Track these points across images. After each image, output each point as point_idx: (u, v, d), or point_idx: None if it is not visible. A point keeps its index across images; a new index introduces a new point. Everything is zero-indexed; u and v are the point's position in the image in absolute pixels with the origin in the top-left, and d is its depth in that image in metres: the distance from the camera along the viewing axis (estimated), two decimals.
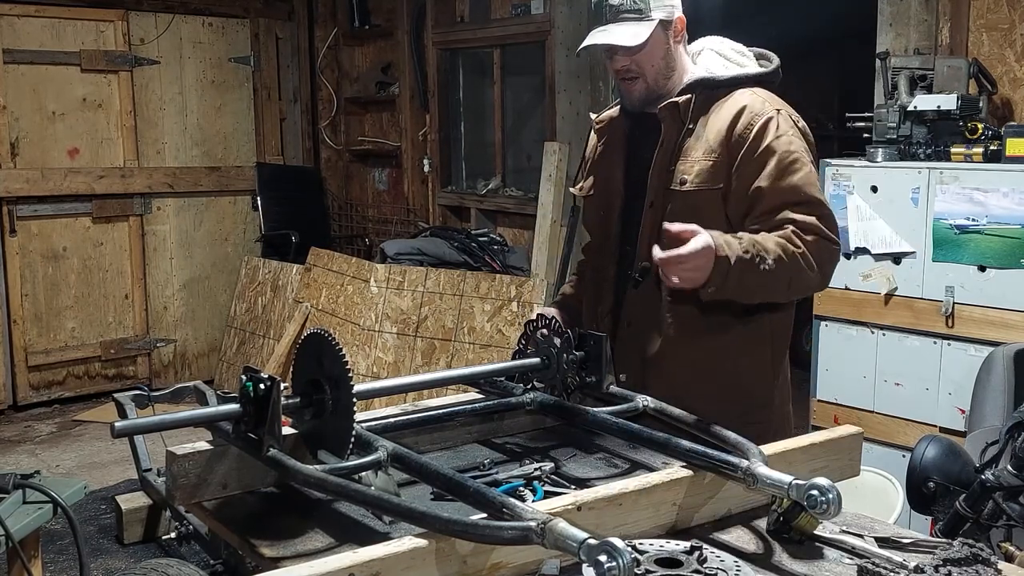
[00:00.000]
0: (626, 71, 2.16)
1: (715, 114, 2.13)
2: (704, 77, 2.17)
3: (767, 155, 2.06)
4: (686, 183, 2.12)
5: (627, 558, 1.17)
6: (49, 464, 4.89)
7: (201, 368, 6.44)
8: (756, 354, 2.19)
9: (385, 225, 6.65)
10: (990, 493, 2.23)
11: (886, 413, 3.45)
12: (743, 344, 2.16)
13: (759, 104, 2.11)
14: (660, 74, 2.16)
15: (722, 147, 2.10)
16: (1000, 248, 3.13)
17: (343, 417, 1.66)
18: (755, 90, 2.15)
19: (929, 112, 3.39)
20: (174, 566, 2.02)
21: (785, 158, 2.05)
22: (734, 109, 2.11)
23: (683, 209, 2.10)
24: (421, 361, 5.00)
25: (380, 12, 6.51)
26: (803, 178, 2.06)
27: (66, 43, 5.84)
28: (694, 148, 2.13)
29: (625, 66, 2.15)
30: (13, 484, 2.31)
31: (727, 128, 2.10)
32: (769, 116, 2.09)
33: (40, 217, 5.84)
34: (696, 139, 2.13)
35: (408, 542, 1.35)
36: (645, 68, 2.15)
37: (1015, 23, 3.58)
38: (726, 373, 2.15)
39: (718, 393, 2.12)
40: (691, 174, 2.12)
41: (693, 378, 2.14)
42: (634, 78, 2.16)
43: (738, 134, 2.09)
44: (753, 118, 2.09)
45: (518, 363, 2.08)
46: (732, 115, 2.11)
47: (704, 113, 2.15)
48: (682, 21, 2.17)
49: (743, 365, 2.17)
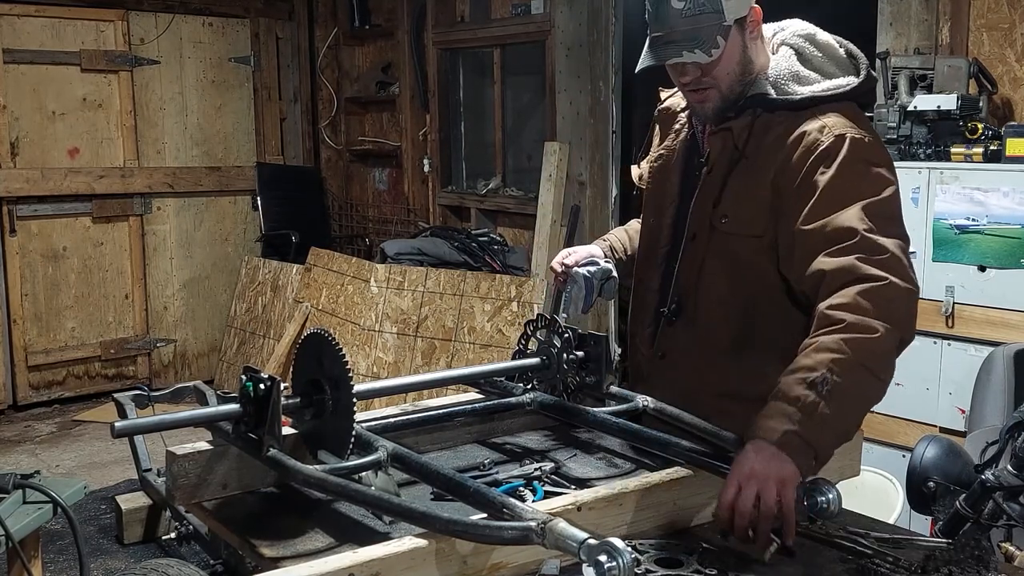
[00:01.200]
0: (696, 82, 1.81)
1: (772, 141, 1.79)
2: (767, 97, 1.81)
3: (813, 190, 1.70)
4: (726, 222, 1.84)
5: (627, 558, 1.17)
6: (49, 464, 4.89)
7: (201, 368, 6.44)
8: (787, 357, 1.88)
9: (385, 225, 6.65)
10: (990, 493, 2.23)
11: (886, 413, 3.45)
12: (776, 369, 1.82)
13: (816, 131, 1.75)
14: (737, 80, 1.81)
15: (767, 182, 1.78)
16: (1000, 248, 3.13)
17: (343, 417, 1.66)
18: (823, 112, 1.77)
19: (929, 112, 3.39)
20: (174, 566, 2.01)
21: (835, 190, 1.68)
22: (790, 138, 1.76)
23: (723, 251, 1.86)
24: (421, 361, 5.00)
25: (380, 12, 6.51)
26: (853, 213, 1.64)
27: (66, 43, 5.84)
28: (743, 181, 1.82)
29: (694, 80, 1.81)
30: (13, 484, 2.31)
31: (777, 159, 1.77)
32: (826, 146, 1.71)
33: (40, 217, 5.84)
34: (747, 170, 1.82)
35: (408, 542, 1.35)
36: (720, 78, 1.80)
37: (1015, 23, 3.58)
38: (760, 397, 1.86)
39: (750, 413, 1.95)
40: (732, 213, 1.83)
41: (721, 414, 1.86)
42: (706, 89, 1.82)
43: (787, 167, 1.75)
44: (804, 147, 1.73)
45: (518, 363, 2.08)
46: (785, 144, 1.76)
47: (763, 137, 1.81)
48: (758, 12, 1.80)
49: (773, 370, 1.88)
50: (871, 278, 1.58)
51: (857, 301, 1.56)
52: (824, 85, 1.82)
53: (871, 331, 1.55)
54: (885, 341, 1.56)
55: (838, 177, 1.70)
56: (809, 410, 1.48)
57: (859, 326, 1.55)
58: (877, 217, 1.66)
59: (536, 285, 4.87)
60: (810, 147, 1.74)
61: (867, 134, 1.78)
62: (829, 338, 1.54)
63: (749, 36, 1.81)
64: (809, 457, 1.48)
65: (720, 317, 1.92)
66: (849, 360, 1.52)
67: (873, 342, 1.54)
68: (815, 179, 1.71)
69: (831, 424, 1.50)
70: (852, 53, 1.89)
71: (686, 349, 1.97)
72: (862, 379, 1.54)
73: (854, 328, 1.54)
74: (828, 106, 1.79)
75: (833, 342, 1.53)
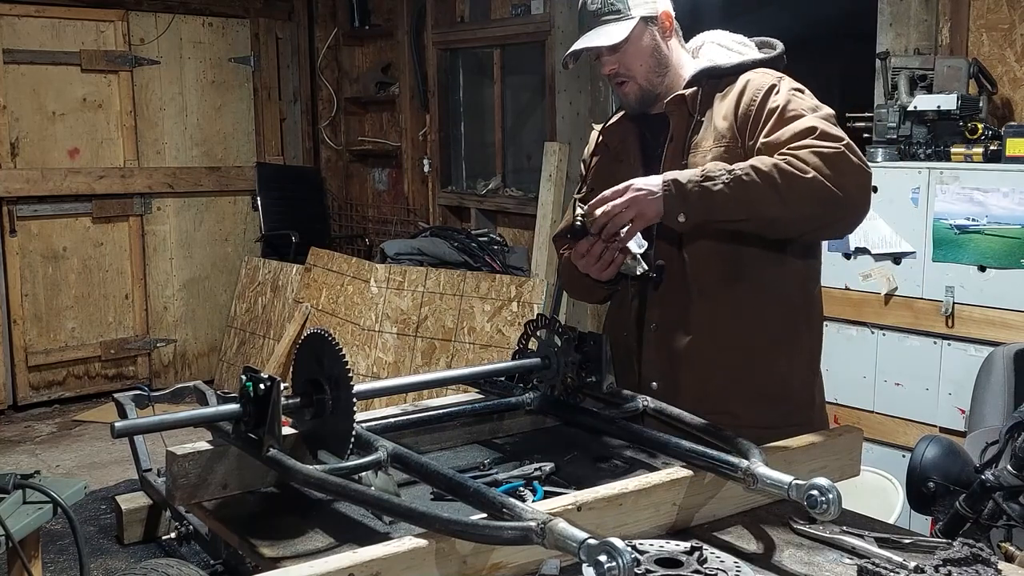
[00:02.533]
0: (615, 74, 2.09)
1: (721, 102, 2.05)
2: (709, 67, 2.09)
3: (769, 115, 1.95)
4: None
5: (627, 558, 1.17)
6: (49, 464, 4.89)
7: (201, 368, 6.45)
8: (793, 352, 2.08)
9: (385, 225, 6.66)
10: (990, 493, 2.23)
11: (886, 413, 3.45)
12: (777, 341, 2.05)
13: (761, 78, 2.02)
14: (652, 72, 2.09)
15: (731, 130, 2.00)
16: (1000, 248, 3.13)
17: (343, 417, 1.66)
18: (759, 69, 2.06)
19: (929, 112, 3.39)
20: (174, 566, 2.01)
21: (787, 111, 1.93)
22: (738, 89, 2.03)
23: None
24: (421, 361, 5.00)
25: (380, 12, 6.52)
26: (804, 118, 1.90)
27: (66, 43, 5.84)
28: (704, 139, 2.04)
29: (613, 69, 2.09)
30: (13, 484, 2.31)
31: (733, 110, 2.01)
32: (771, 84, 1.99)
33: (40, 217, 5.84)
34: (705, 130, 2.05)
35: (408, 542, 1.35)
36: (634, 68, 2.08)
37: (1015, 23, 3.58)
38: (763, 373, 2.05)
39: (757, 395, 2.04)
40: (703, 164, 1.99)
41: (729, 380, 2.03)
42: (625, 80, 2.10)
43: (743, 112, 1.99)
44: (756, 91, 2.00)
45: (518, 363, 2.08)
46: (736, 95, 2.02)
47: (710, 104, 2.06)
48: (668, 15, 2.10)
49: (781, 365, 2.07)
50: (824, 146, 1.82)
51: (804, 155, 1.81)
52: (751, 55, 2.11)
53: (803, 172, 1.79)
54: (811, 183, 1.79)
55: (788, 101, 1.94)
56: (706, 180, 1.82)
57: (795, 163, 1.80)
58: (830, 122, 1.90)
59: (536, 285, 4.87)
60: (758, 87, 2.00)
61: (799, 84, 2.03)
62: (765, 159, 1.83)
63: (662, 36, 2.09)
64: (680, 205, 1.82)
65: (710, 268, 2.04)
66: (766, 175, 1.79)
67: (798, 178, 1.79)
68: (768, 106, 1.95)
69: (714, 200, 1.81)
70: (765, 43, 2.18)
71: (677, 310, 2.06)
72: (765, 191, 1.80)
73: (790, 163, 1.80)
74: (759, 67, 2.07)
75: (763, 162, 1.81)
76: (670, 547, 1.41)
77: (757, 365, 2.06)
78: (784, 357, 2.07)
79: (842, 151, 1.82)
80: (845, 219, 1.90)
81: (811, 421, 2.09)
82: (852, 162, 1.82)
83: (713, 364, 2.05)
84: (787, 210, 1.81)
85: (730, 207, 1.81)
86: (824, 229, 1.95)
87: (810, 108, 1.94)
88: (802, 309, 2.09)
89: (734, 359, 2.05)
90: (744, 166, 1.82)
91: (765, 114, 1.96)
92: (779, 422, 1.98)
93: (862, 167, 1.85)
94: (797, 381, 2.10)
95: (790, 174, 1.79)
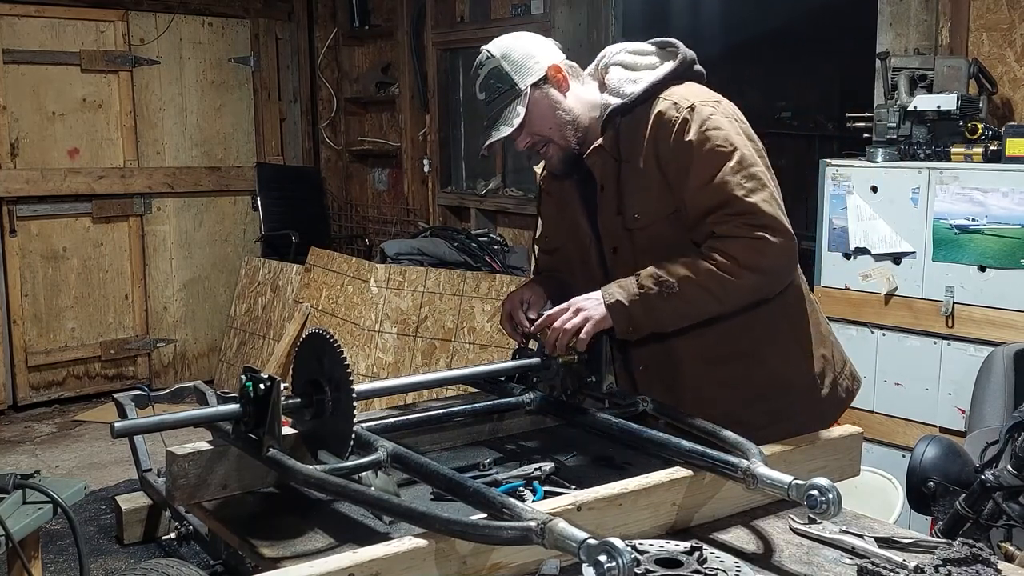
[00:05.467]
0: (531, 146, 2.07)
1: (637, 137, 2.01)
2: (617, 106, 2.03)
3: (688, 161, 1.94)
4: (639, 220, 2.03)
5: (627, 558, 1.17)
6: (49, 464, 4.89)
7: (201, 368, 6.44)
8: (779, 346, 2.08)
9: (385, 225, 6.65)
10: (990, 493, 2.23)
11: (886, 413, 3.45)
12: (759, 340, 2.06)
13: (671, 110, 1.97)
14: (563, 129, 2.05)
15: (654, 169, 1.99)
16: (1000, 248, 3.13)
17: (343, 417, 1.66)
18: (667, 94, 2.01)
19: (929, 112, 3.39)
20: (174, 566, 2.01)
21: (702, 158, 1.93)
22: (652, 124, 1.99)
23: (651, 246, 2.02)
24: (421, 361, 5.00)
25: (380, 12, 6.52)
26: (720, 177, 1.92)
27: (66, 43, 5.83)
28: (634, 180, 2.02)
29: (527, 142, 2.06)
30: (13, 484, 2.31)
31: (650, 147, 1.99)
32: (683, 119, 1.95)
33: (40, 217, 5.84)
34: (633, 170, 2.02)
35: (408, 542, 1.35)
36: (545, 134, 2.05)
37: (1015, 23, 3.58)
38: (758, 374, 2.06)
39: (756, 397, 2.04)
40: (641, 209, 2.02)
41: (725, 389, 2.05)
42: (543, 146, 2.07)
43: (660, 152, 1.98)
44: (667, 128, 1.96)
45: (518, 363, 2.08)
46: (650, 132, 1.99)
47: (631, 140, 2.02)
48: (556, 68, 2.04)
49: (771, 362, 2.07)
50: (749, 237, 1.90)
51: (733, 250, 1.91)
52: (655, 73, 2.05)
53: (735, 275, 1.91)
54: (743, 283, 1.93)
55: (702, 144, 1.93)
56: (645, 299, 1.93)
57: (725, 266, 1.90)
58: (746, 178, 1.92)
59: None
60: (671, 122, 1.97)
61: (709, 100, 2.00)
62: (701, 265, 1.92)
63: (558, 90, 2.04)
64: (626, 324, 1.95)
65: None
66: (699, 285, 1.92)
67: (731, 282, 1.91)
68: (684, 147, 1.94)
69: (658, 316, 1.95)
70: (663, 43, 2.13)
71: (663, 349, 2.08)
72: (703, 298, 1.94)
73: (720, 268, 1.90)
74: (667, 87, 2.03)
75: (701, 270, 1.92)
76: (670, 547, 1.41)
77: (748, 368, 2.07)
78: (772, 355, 2.08)
79: (763, 238, 1.90)
80: (777, 287, 2.03)
81: (819, 410, 2.10)
82: (775, 245, 1.91)
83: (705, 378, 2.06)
84: (725, 307, 1.97)
85: (674, 318, 1.97)
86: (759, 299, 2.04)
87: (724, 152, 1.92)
88: (777, 304, 2.07)
89: (724, 369, 2.06)
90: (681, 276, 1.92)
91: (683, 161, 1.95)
92: (785, 416, 1.99)
93: (785, 242, 1.92)
94: (793, 372, 2.10)
95: (722, 279, 1.91)
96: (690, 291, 1.92)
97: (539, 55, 2.04)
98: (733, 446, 1.66)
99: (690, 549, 1.40)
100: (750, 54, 6.41)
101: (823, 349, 2.14)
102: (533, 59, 2.03)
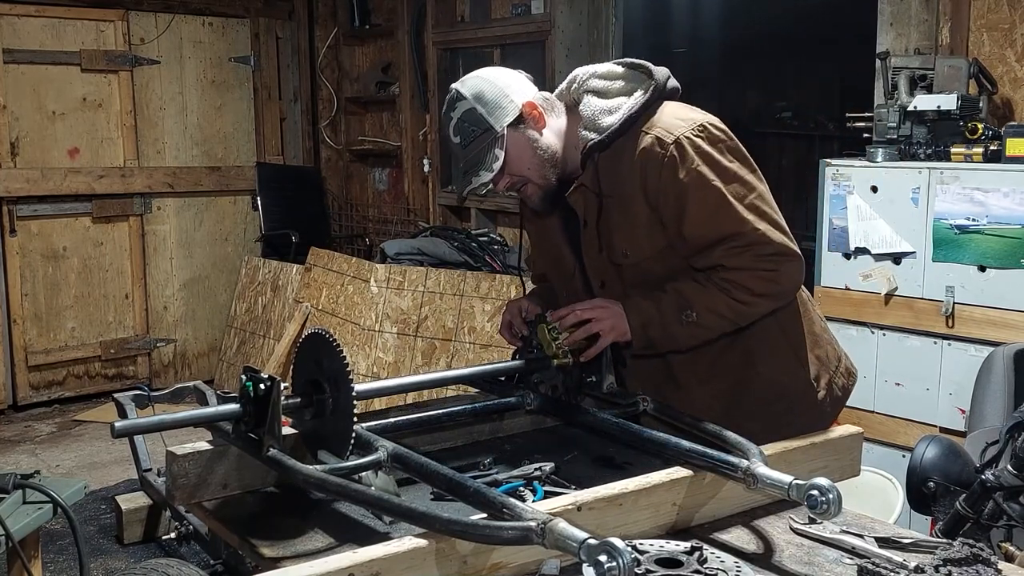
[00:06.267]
0: (512, 186, 2.03)
1: (620, 171, 1.97)
2: (593, 141, 1.98)
3: (683, 198, 1.91)
4: (629, 255, 2.00)
5: (627, 558, 1.17)
6: (49, 464, 4.89)
7: (201, 368, 6.44)
8: (773, 350, 2.07)
9: (385, 225, 6.65)
10: (990, 493, 2.23)
11: (886, 413, 3.45)
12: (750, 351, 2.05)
13: (655, 146, 1.92)
14: (542, 167, 2.00)
15: (642, 204, 1.95)
16: (1000, 248, 3.13)
17: (343, 417, 1.66)
18: (648, 126, 1.95)
19: (929, 112, 3.39)
20: (174, 566, 2.01)
21: (698, 196, 1.90)
22: (634, 159, 1.94)
23: (642, 280, 2.01)
24: (421, 361, 5.00)
25: (380, 12, 6.52)
26: (721, 211, 1.90)
27: (66, 43, 5.83)
28: (619, 216, 1.98)
29: (507, 183, 2.01)
30: (13, 484, 2.31)
31: (637, 184, 1.94)
32: (670, 156, 1.91)
33: (40, 217, 5.84)
34: (617, 206, 1.98)
35: (408, 542, 1.35)
36: (524, 174, 2.00)
37: (1015, 23, 3.58)
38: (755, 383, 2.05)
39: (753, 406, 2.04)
40: (629, 244, 1.99)
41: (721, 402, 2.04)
42: (523, 184, 2.03)
43: (649, 189, 1.93)
44: (655, 166, 1.91)
45: (518, 363, 2.08)
46: (636, 168, 1.94)
47: (612, 174, 1.98)
48: (530, 105, 1.98)
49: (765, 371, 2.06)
50: (762, 268, 1.92)
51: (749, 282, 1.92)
52: (631, 102, 1.98)
53: (751, 304, 1.95)
54: (759, 307, 1.98)
55: (695, 181, 1.90)
56: (667, 328, 1.96)
57: (742, 297, 1.93)
58: (748, 208, 1.92)
59: None
60: (658, 160, 1.92)
61: (693, 125, 1.95)
62: (720, 298, 1.93)
63: (535, 128, 1.99)
64: (644, 344, 1.98)
65: None
66: (719, 315, 1.95)
67: (747, 311, 1.96)
68: (676, 186, 1.91)
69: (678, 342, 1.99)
70: (633, 64, 2.07)
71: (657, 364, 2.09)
72: (721, 325, 1.98)
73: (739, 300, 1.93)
74: (646, 117, 1.97)
75: (720, 302, 1.94)
76: (670, 547, 1.41)
77: (743, 379, 2.06)
78: (767, 364, 2.07)
79: (776, 268, 1.93)
80: (788, 300, 2.06)
81: (817, 412, 2.10)
82: (787, 270, 1.95)
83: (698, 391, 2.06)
84: (737, 327, 2.01)
85: (689, 341, 2.00)
86: None
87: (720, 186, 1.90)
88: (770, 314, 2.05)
89: (719, 383, 2.06)
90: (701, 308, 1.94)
91: (676, 196, 1.92)
92: (784, 422, 1.98)
93: (796, 263, 1.96)
94: (789, 379, 2.09)
95: (739, 309, 1.95)
96: (709, 320, 1.96)
97: (512, 94, 1.98)
98: (733, 446, 1.66)
99: (690, 549, 1.40)
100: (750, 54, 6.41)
101: (817, 350, 2.14)
102: (507, 98, 1.97)
